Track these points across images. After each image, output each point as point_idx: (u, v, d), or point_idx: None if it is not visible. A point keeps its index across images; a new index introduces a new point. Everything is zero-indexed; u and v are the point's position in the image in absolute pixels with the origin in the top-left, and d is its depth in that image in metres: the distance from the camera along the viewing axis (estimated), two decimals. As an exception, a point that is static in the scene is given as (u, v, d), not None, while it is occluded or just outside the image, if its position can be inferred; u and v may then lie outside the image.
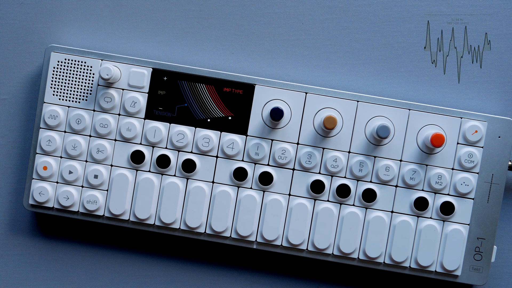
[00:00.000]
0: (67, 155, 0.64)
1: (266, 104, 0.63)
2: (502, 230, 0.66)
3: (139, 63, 0.63)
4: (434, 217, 0.63)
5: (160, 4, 0.66)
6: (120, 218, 0.64)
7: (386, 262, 0.63)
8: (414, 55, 0.66)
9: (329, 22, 0.66)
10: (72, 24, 0.66)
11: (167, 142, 0.64)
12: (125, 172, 0.63)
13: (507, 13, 0.65)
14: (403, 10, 0.66)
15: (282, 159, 0.63)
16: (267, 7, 0.66)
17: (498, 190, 0.63)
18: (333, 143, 0.63)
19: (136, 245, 0.67)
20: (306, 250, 0.64)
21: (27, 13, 0.66)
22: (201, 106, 0.63)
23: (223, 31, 0.66)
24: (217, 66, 0.66)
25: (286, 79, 0.66)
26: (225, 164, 0.63)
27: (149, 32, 0.66)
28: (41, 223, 0.67)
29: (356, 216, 0.63)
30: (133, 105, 0.63)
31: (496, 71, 0.66)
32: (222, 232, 0.64)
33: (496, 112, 0.66)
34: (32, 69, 0.66)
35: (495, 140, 0.63)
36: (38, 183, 0.64)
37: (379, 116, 0.63)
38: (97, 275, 0.67)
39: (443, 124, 0.63)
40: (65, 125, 0.64)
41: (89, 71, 0.63)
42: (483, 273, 0.64)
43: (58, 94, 0.64)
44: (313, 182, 0.63)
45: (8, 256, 0.67)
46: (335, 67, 0.66)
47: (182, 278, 0.67)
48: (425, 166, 0.63)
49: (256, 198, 0.63)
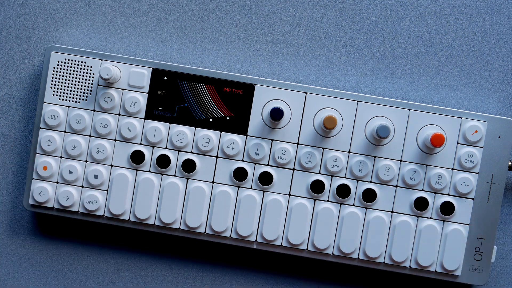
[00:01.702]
0: (67, 155, 0.64)
1: (266, 104, 0.63)
2: (502, 230, 0.66)
3: (139, 63, 0.63)
4: (434, 217, 0.63)
5: (160, 4, 0.66)
6: (120, 218, 0.64)
7: (386, 262, 0.63)
8: (414, 55, 0.66)
9: (329, 22, 0.66)
10: (72, 24, 0.66)
11: (167, 142, 0.64)
12: (125, 172, 0.63)
13: (507, 13, 0.65)
14: (403, 10, 0.66)
15: (282, 159, 0.63)
16: (267, 7, 0.66)
17: (498, 190, 0.63)
18: (333, 143, 0.63)
19: (136, 245, 0.67)
20: (306, 250, 0.64)
21: (27, 13, 0.66)
22: (201, 106, 0.63)
23: (223, 31, 0.66)
24: (217, 66, 0.66)
25: (286, 79, 0.66)
26: (225, 164, 0.63)
27: (149, 32, 0.66)
28: (41, 223, 0.67)
29: (356, 216, 0.63)
30: (133, 105, 0.63)
31: (496, 71, 0.66)
32: (222, 232, 0.64)
33: (496, 112, 0.66)
34: (32, 69, 0.66)
35: (495, 140, 0.63)
36: (38, 183, 0.64)
37: (379, 116, 0.63)
38: (97, 275, 0.67)
39: (443, 124, 0.63)
40: (65, 125, 0.64)
41: (89, 71, 0.63)
42: (483, 273, 0.64)
43: (58, 94, 0.64)
44: (313, 182, 0.63)
45: (8, 256, 0.67)
46: (335, 67, 0.66)
47: (182, 278, 0.67)
48: (425, 166, 0.63)
49: (256, 198, 0.63)
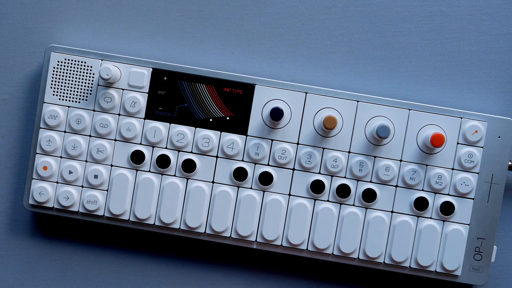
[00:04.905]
0: (67, 155, 0.64)
1: (266, 104, 0.63)
2: (502, 230, 0.66)
3: (139, 63, 0.63)
4: (434, 217, 0.63)
5: (160, 4, 0.66)
6: (120, 218, 0.64)
7: (386, 262, 0.63)
8: (414, 55, 0.66)
9: (329, 22, 0.66)
10: (72, 24, 0.66)
11: (167, 142, 0.64)
12: (125, 172, 0.63)
13: (507, 13, 0.65)
14: (403, 10, 0.66)
15: (282, 159, 0.63)
16: (267, 7, 0.66)
17: (498, 190, 0.63)
18: (333, 143, 0.63)
19: (136, 245, 0.66)
20: (306, 250, 0.64)
21: (27, 13, 0.66)
22: (201, 106, 0.63)
23: (223, 31, 0.66)
24: (217, 66, 0.66)
25: (286, 79, 0.66)
26: (225, 164, 0.63)
27: (149, 32, 0.66)
28: (41, 223, 0.67)
29: (356, 216, 0.63)
30: (133, 105, 0.63)
31: (496, 71, 0.66)
32: (222, 232, 0.64)
33: (496, 112, 0.66)
34: (32, 69, 0.66)
35: (495, 140, 0.63)
36: (38, 183, 0.64)
37: (379, 116, 0.63)
38: (97, 275, 0.67)
39: (443, 124, 0.63)
40: (65, 125, 0.64)
41: (89, 71, 0.63)
42: (483, 273, 0.64)
43: (58, 94, 0.64)
44: (313, 182, 0.63)
45: (8, 256, 0.67)
46: (335, 67, 0.66)
47: (182, 278, 0.67)
48: (425, 166, 0.63)
49: (256, 198, 0.63)
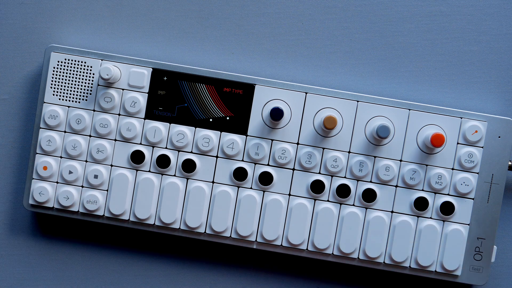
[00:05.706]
0: (67, 155, 0.64)
1: (266, 104, 0.63)
2: (502, 230, 0.66)
3: (139, 63, 0.63)
4: (434, 217, 0.63)
5: (160, 4, 0.66)
6: (120, 218, 0.64)
7: (386, 262, 0.63)
8: (414, 55, 0.66)
9: (329, 22, 0.66)
10: (72, 24, 0.66)
11: (167, 142, 0.64)
12: (125, 172, 0.63)
13: (507, 13, 0.65)
14: (403, 10, 0.66)
15: (282, 159, 0.63)
16: (267, 7, 0.66)
17: (498, 190, 0.63)
18: (333, 143, 0.63)
19: (136, 245, 0.66)
20: (306, 250, 0.64)
21: (27, 13, 0.66)
22: (201, 106, 0.63)
23: (223, 31, 0.66)
24: (217, 66, 0.66)
25: (286, 79, 0.66)
26: (225, 164, 0.63)
27: (149, 32, 0.66)
28: (41, 223, 0.67)
29: (356, 216, 0.63)
30: (133, 105, 0.63)
31: (496, 71, 0.66)
32: (222, 232, 0.64)
33: (496, 112, 0.66)
34: (32, 69, 0.66)
35: (495, 140, 0.63)
36: (38, 183, 0.64)
37: (379, 116, 0.63)
38: (97, 275, 0.67)
39: (443, 124, 0.63)
40: (65, 125, 0.64)
41: (89, 71, 0.63)
42: (483, 273, 0.64)
43: (58, 94, 0.64)
44: (313, 182, 0.63)
45: (8, 256, 0.67)
46: (335, 67, 0.66)
47: (182, 278, 0.67)
48: (425, 166, 0.63)
49: (256, 198, 0.63)
